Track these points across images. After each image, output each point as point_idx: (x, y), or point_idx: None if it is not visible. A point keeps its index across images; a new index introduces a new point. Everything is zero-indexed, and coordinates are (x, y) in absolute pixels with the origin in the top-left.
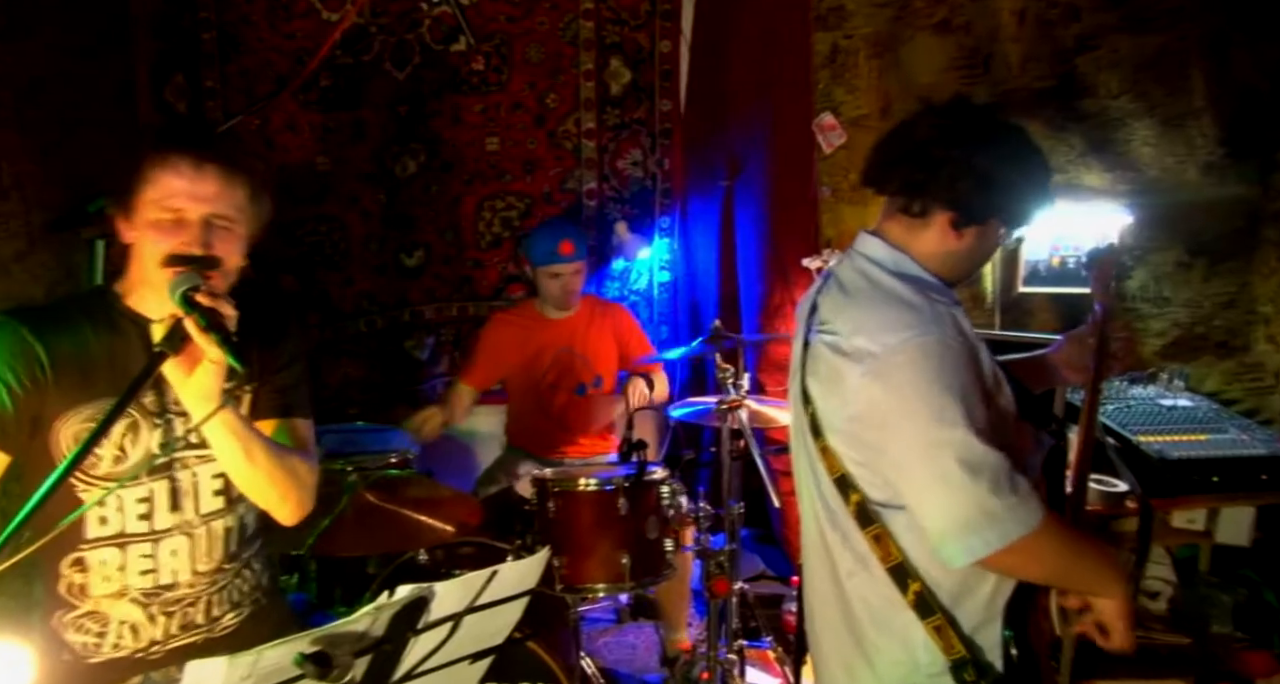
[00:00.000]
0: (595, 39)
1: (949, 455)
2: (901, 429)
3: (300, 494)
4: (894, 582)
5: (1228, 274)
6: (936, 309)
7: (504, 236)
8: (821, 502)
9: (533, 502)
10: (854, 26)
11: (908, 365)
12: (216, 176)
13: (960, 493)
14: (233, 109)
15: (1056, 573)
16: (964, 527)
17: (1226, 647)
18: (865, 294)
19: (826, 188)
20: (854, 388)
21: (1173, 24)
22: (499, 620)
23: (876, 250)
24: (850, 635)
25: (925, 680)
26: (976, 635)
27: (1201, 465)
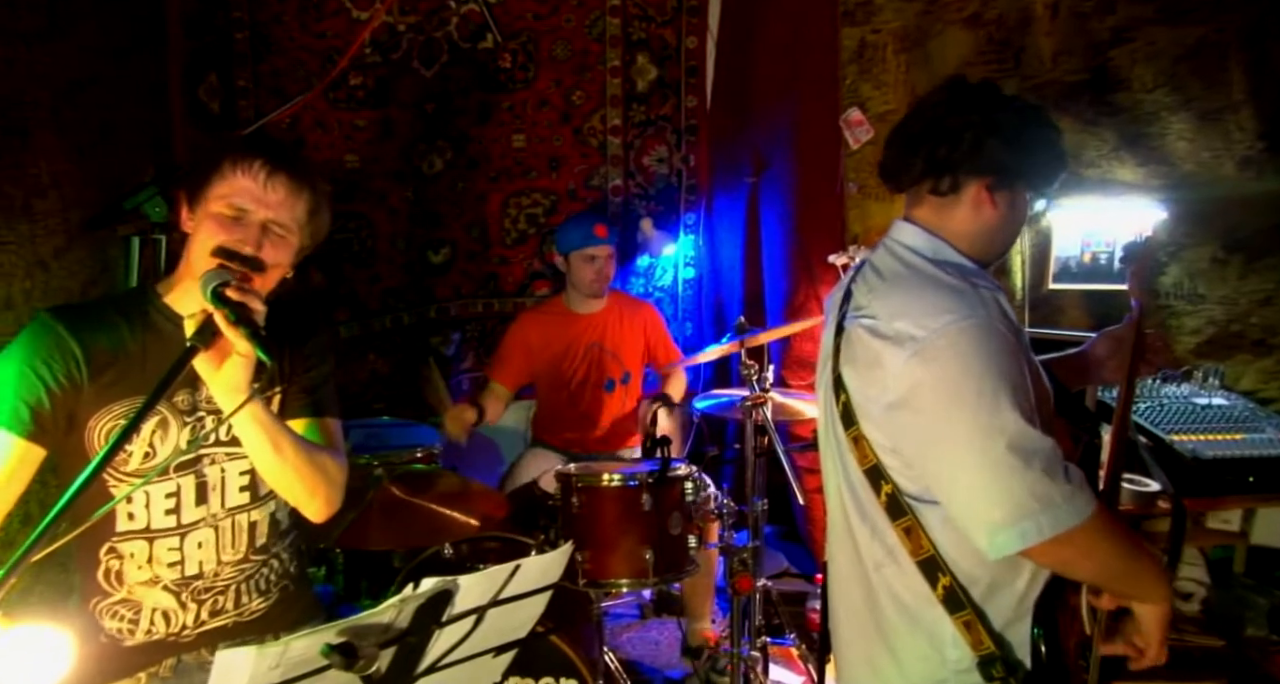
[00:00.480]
0: (622, 36)
1: (1000, 441)
2: (949, 414)
3: (329, 491)
4: (924, 575)
5: (1265, 271)
6: (980, 293)
7: (529, 233)
8: (850, 493)
9: (557, 497)
10: (883, 21)
11: (953, 349)
12: (285, 186)
13: (1013, 478)
14: (265, 108)
15: (1105, 571)
16: (1017, 512)
17: (1262, 649)
18: (904, 279)
19: (853, 184)
20: (896, 373)
21: (1211, 16)
22: (522, 614)
23: (914, 238)
24: (876, 629)
25: (952, 677)
26: (1006, 632)
27: (1237, 465)
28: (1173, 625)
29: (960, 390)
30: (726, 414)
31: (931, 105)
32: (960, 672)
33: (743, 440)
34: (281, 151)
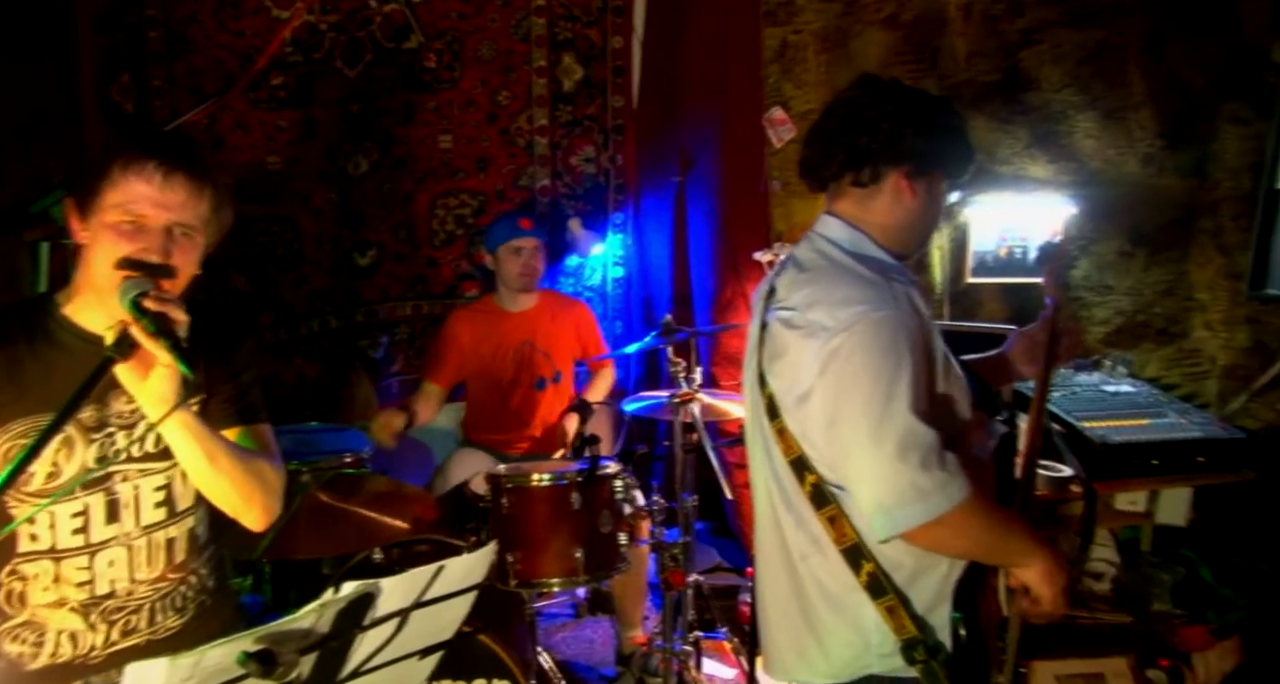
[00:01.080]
0: (547, 36)
1: (886, 435)
2: (846, 404)
3: (267, 498)
4: (848, 563)
5: (1166, 263)
6: (893, 287)
7: (458, 234)
8: (777, 484)
9: (487, 498)
10: (804, 21)
11: (859, 340)
12: (184, 186)
13: (893, 470)
14: (180, 109)
15: (980, 547)
16: (894, 500)
17: (1166, 623)
18: (822, 271)
19: (777, 182)
20: (807, 363)
21: (1112, 19)
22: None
23: (836, 230)
24: (803, 618)
25: (876, 661)
26: (929, 616)
27: (1142, 449)
28: (1085, 603)
29: (858, 383)
30: (656, 415)
31: (846, 100)
32: (884, 656)
33: (671, 438)
34: (174, 148)
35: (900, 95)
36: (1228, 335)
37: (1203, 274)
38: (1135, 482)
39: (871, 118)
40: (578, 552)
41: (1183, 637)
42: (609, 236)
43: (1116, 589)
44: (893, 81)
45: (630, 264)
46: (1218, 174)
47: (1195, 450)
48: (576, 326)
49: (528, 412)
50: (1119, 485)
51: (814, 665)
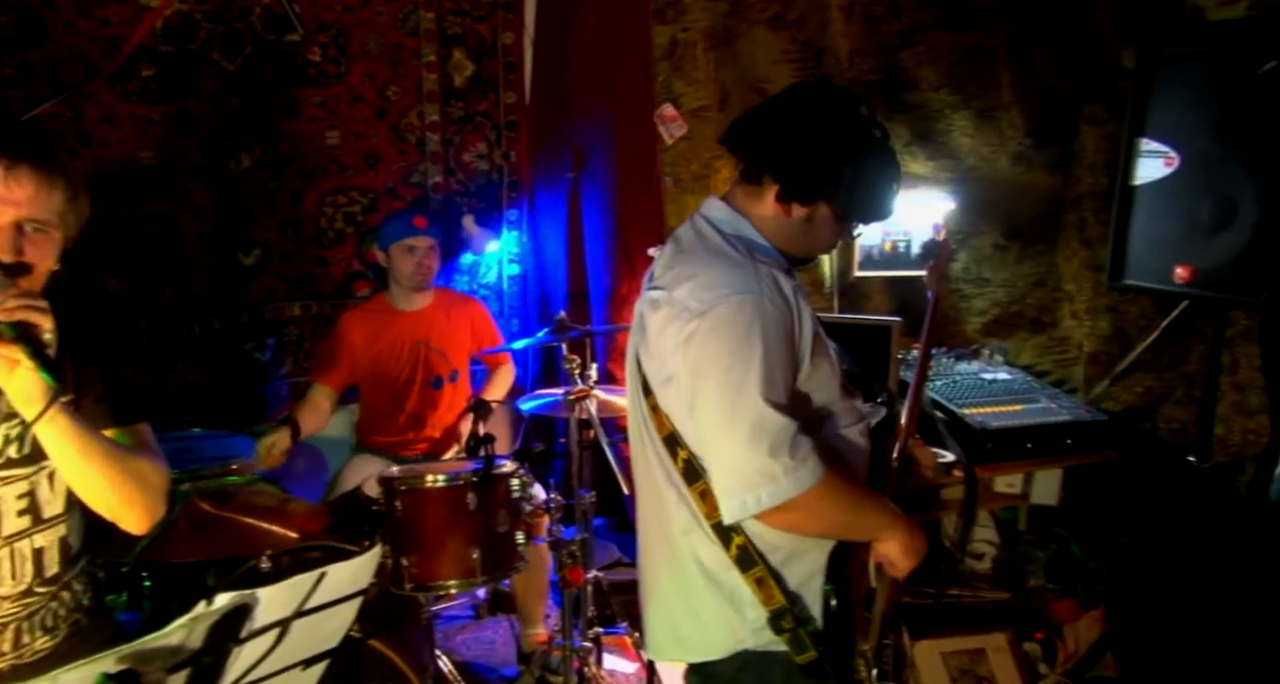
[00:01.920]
0: (437, 30)
1: (739, 420)
2: (705, 384)
3: (149, 498)
4: (719, 537)
5: (1037, 256)
6: (759, 269)
7: (347, 232)
8: (658, 461)
9: (380, 501)
10: (692, 20)
11: (719, 323)
12: (31, 178)
13: (743, 455)
14: (38, 100)
15: (833, 527)
16: (741, 485)
17: (1041, 598)
18: (695, 251)
19: (669, 178)
20: (670, 345)
21: (982, 23)
22: (332, 623)
23: (717, 211)
24: (680, 595)
25: (750, 636)
26: (801, 589)
27: (1017, 433)
28: (967, 583)
29: (714, 367)
30: (553, 413)
31: (784, 97)
32: (758, 630)
33: (568, 435)
34: (17, 140)
35: (817, 119)
36: (1092, 323)
37: (1069, 266)
38: (1012, 465)
39: (775, 129)
40: (474, 552)
41: (1055, 610)
42: (504, 234)
43: (996, 567)
44: (837, 99)
45: (526, 261)
46: (1079, 171)
47: (1064, 433)
48: (472, 324)
49: (424, 412)
50: (998, 469)
51: (690, 644)
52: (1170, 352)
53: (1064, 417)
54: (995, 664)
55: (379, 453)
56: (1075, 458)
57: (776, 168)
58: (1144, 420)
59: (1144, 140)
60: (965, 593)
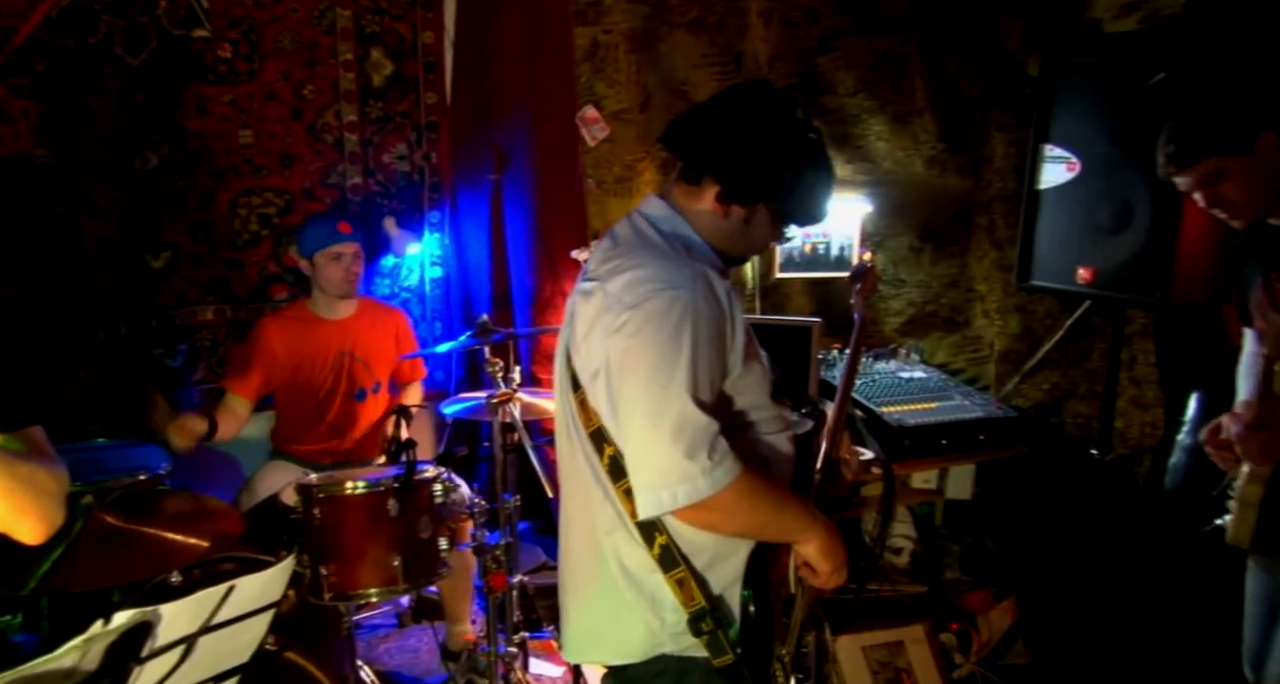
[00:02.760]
0: (354, 28)
1: (664, 412)
2: (631, 378)
3: (44, 505)
4: (642, 535)
5: (950, 257)
6: (695, 268)
7: (263, 234)
8: (585, 458)
9: (298, 509)
10: (612, 22)
11: (650, 317)
12: None
13: (661, 452)
14: None
15: (750, 527)
16: (658, 481)
17: (956, 589)
18: (631, 245)
19: (592, 180)
20: (598, 338)
21: (897, 30)
22: (244, 637)
23: (656, 209)
24: (602, 596)
25: (669, 640)
26: (721, 592)
27: (933, 430)
28: (887, 577)
29: (641, 362)
30: (477, 417)
31: (727, 98)
32: (676, 635)
33: (492, 438)
34: None
35: (759, 120)
36: (1002, 323)
37: (980, 267)
38: (928, 461)
39: (716, 129)
40: (396, 560)
41: (969, 601)
42: (425, 236)
43: (914, 561)
44: (775, 103)
45: (448, 264)
46: (990, 175)
47: (977, 430)
48: (397, 336)
49: (346, 423)
50: (914, 465)
51: (608, 644)
52: (1074, 349)
53: (976, 413)
54: (913, 655)
55: (295, 460)
56: (987, 453)
57: (718, 169)
58: (1051, 416)
59: (1048, 146)
60: (885, 587)
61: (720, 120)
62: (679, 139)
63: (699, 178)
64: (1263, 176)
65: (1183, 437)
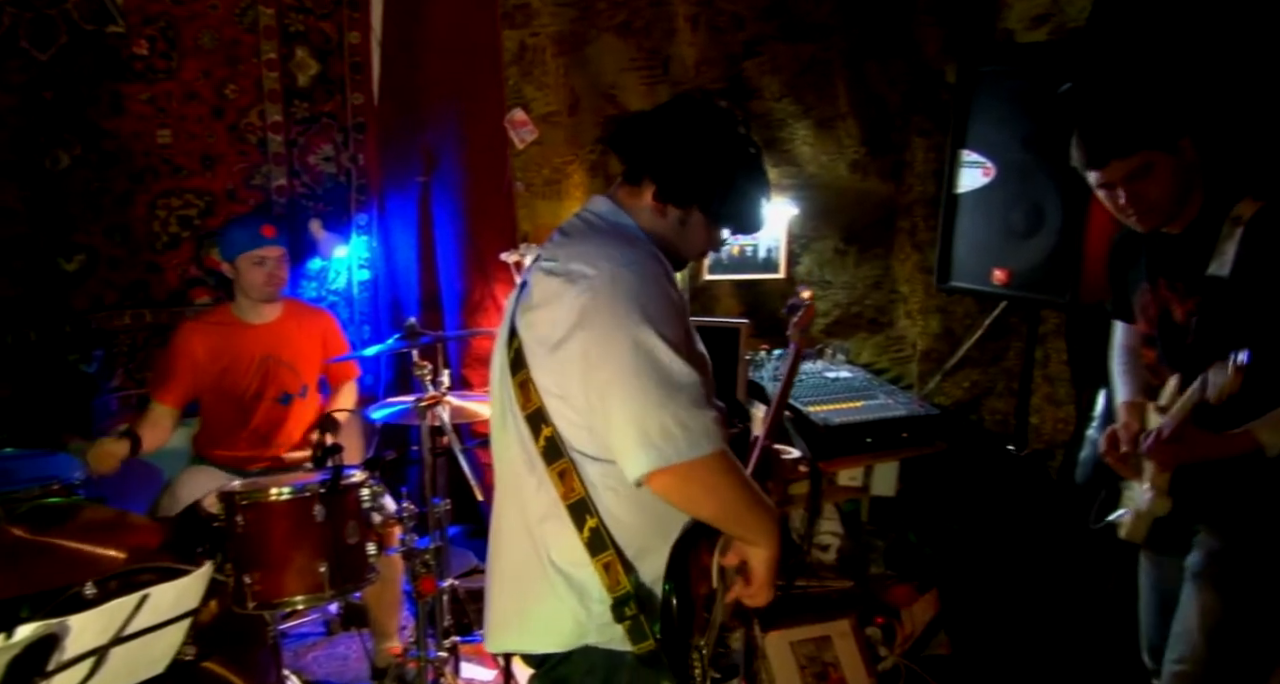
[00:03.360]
0: (277, 27)
1: (656, 370)
2: (608, 343)
3: None
4: (573, 519)
5: (874, 259)
6: (650, 250)
7: (183, 237)
8: (518, 442)
9: (221, 517)
10: (541, 24)
11: (619, 284)
12: None
13: (660, 404)
14: None
15: (726, 509)
16: (660, 435)
17: (881, 584)
18: (585, 232)
19: (521, 183)
20: (565, 308)
21: (820, 36)
22: (158, 647)
23: (600, 206)
24: (529, 585)
25: (594, 631)
26: (647, 580)
27: (857, 429)
28: (814, 573)
29: (622, 324)
30: (407, 421)
31: (668, 104)
32: (602, 626)
33: (421, 442)
34: None
35: (697, 126)
36: (924, 323)
37: (903, 268)
38: (853, 459)
39: (656, 131)
40: (322, 566)
41: (894, 594)
42: (353, 238)
43: (841, 558)
44: (715, 112)
45: (377, 266)
46: (911, 179)
47: (900, 428)
48: (324, 338)
49: (271, 428)
50: (840, 463)
51: (533, 634)
52: (993, 348)
53: (900, 412)
54: (840, 650)
55: (219, 466)
56: (910, 450)
57: (654, 169)
58: (971, 413)
59: (965, 151)
60: (812, 583)
61: (662, 124)
62: (622, 139)
63: (639, 178)
64: (1182, 177)
65: (1091, 432)
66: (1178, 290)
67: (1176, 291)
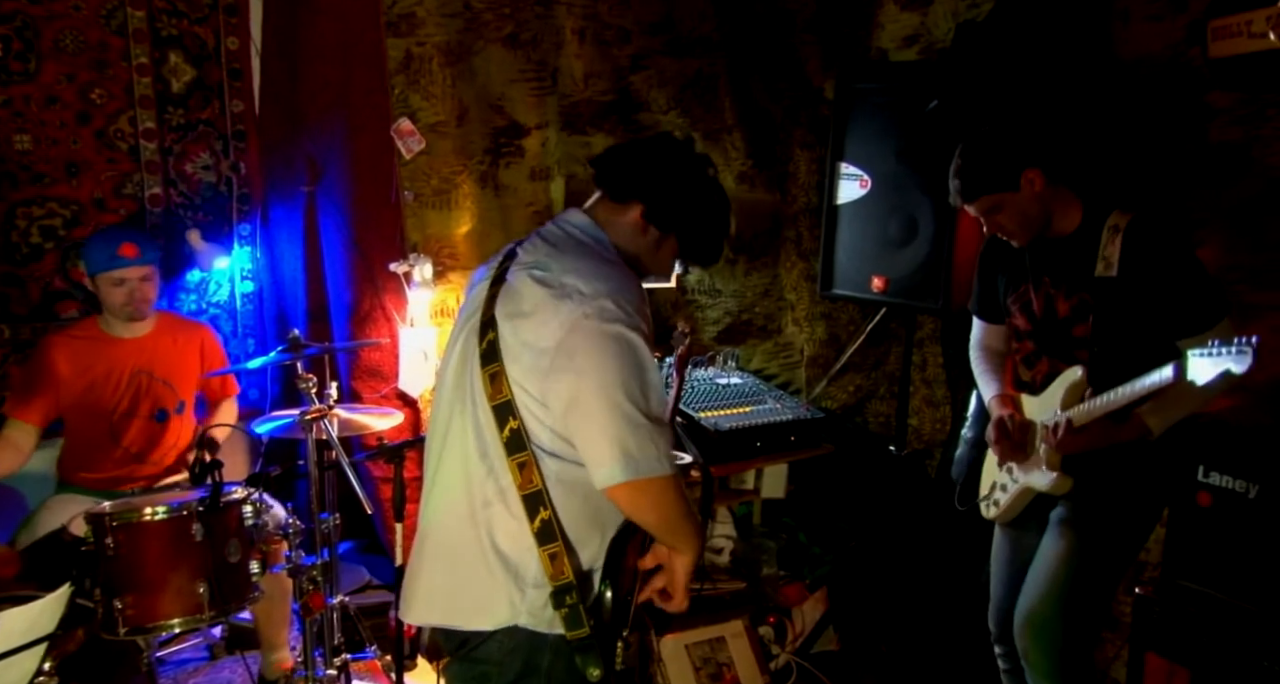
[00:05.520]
0: (148, 30)
1: (643, 395)
2: (599, 364)
3: None
4: (526, 508)
5: (763, 268)
6: (631, 273)
7: (46, 248)
8: (475, 432)
9: (89, 540)
10: (426, 34)
11: (614, 310)
12: None
13: (642, 425)
14: None
15: (667, 520)
16: (640, 452)
17: (774, 584)
18: (572, 245)
19: (409, 192)
20: (558, 321)
21: (705, 52)
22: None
23: (577, 218)
24: (464, 564)
25: (525, 614)
26: (587, 571)
27: (747, 433)
28: (707, 575)
29: (610, 343)
30: (293, 435)
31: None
32: (535, 610)
33: (308, 456)
34: None
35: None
36: (810, 330)
37: (790, 277)
38: (744, 463)
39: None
40: (201, 587)
41: (784, 594)
42: (235, 249)
43: (734, 559)
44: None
45: (261, 278)
46: (795, 190)
47: (788, 431)
48: (202, 352)
49: (145, 447)
50: (732, 467)
51: (464, 613)
52: (874, 353)
53: (787, 416)
54: (734, 650)
55: (87, 491)
56: (799, 453)
57: (647, 192)
58: (856, 416)
59: (843, 164)
60: (706, 585)
61: (657, 152)
62: (614, 161)
63: (626, 198)
64: (1032, 207)
65: (965, 430)
66: (1062, 289)
67: (1061, 290)
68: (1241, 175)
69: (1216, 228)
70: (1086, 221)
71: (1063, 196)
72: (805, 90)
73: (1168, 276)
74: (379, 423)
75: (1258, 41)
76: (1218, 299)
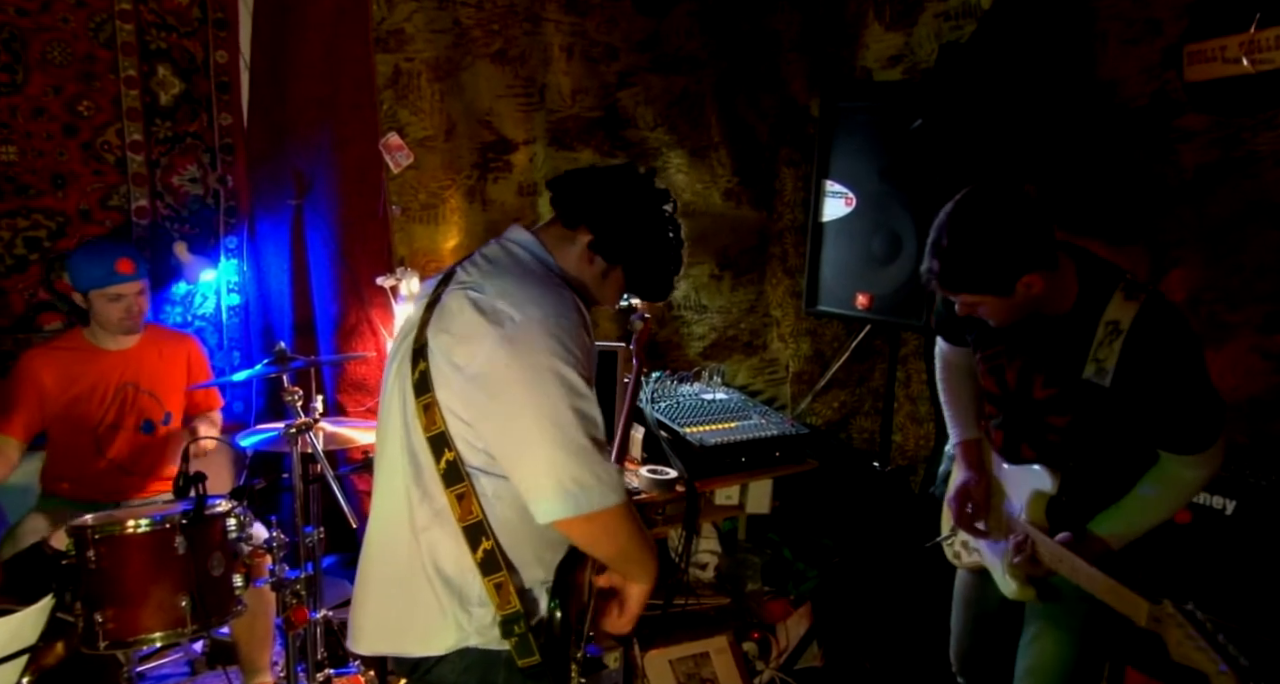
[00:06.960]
0: (137, 43)
1: (578, 424)
2: (529, 395)
3: None
4: (467, 540)
5: (748, 284)
6: (572, 298)
7: (31, 259)
8: (410, 460)
9: (70, 553)
10: (415, 50)
11: (545, 338)
12: None
13: (580, 457)
14: None
15: (620, 550)
16: (577, 485)
17: (758, 599)
18: (510, 267)
19: (397, 207)
20: (488, 348)
21: (691, 69)
22: None
23: (521, 236)
24: (407, 591)
25: (475, 634)
26: (536, 599)
27: (732, 449)
28: (692, 590)
29: (544, 376)
30: (278, 448)
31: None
32: (483, 628)
33: (292, 470)
34: None
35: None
36: (795, 346)
37: (775, 293)
38: (729, 478)
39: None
40: (183, 600)
41: (769, 609)
42: (222, 262)
43: (719, 575)
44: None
45: (247, 291)
46: (781, 207)
47: (773, 447)
48: (188, 363)
49: (131, 460)
50: (717, 483)
51: (411, 637)
52: (859, 370)
53: (772, 431)
54: (718, 665)
55: (70, 503)
56: (783, 469)
57: (596, 220)
58: (840, 431)
59: (828, 182)
60: (691, 601)
61: (611, 182)
62: (568, 186)
63: (576, 224)
64: (1019, 307)
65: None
66: (1042, 374)
67: (1040, 374)
68: (1216, 197)
69: (1193, 248)
70: (1081, 304)
71: (1059, 279)
72: (791, 108)
73: (1168, 400)
74: (364, 436)
75: (1232, 66)
76: (1215, 423)
